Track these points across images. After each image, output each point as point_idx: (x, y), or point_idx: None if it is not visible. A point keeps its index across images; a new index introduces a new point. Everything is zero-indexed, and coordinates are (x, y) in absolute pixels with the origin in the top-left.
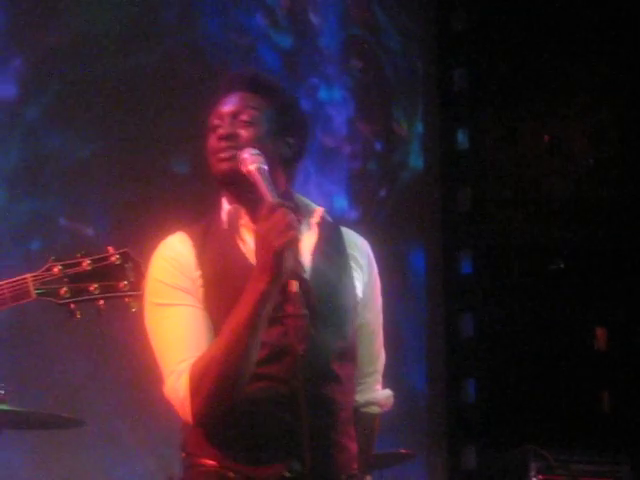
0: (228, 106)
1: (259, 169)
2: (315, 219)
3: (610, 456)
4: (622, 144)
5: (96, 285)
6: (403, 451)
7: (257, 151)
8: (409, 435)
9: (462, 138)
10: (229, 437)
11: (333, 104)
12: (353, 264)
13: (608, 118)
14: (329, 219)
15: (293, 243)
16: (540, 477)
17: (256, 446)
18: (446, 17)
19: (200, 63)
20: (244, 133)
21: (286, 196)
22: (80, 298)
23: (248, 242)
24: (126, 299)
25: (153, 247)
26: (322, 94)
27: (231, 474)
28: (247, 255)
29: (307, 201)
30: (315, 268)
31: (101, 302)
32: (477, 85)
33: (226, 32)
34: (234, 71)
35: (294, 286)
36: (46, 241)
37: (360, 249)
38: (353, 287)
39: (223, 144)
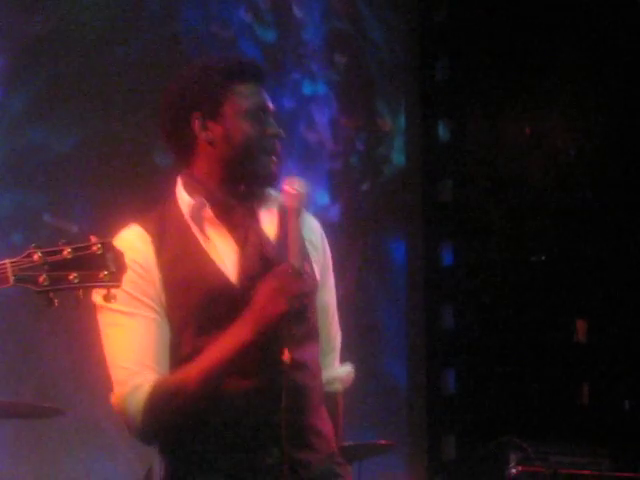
0: (268, 102)
1: (299, 212)
2: (274, 205)
3: (589, 448)
4: (604, 137)
5: (76, 274)
6: (383, 442)
7: (305, 188)
8: (389, 426)
9: (443, 130)
10: (196, 435)
11: (316, 99)
12: (310, 247)
13: (590, 111)
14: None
15: (300, 315)
16: (519, 468)
17: (226, 443)
18: (428, 9)
19: (181, 56)
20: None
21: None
22: (59, 286)
23: (211, 238)
24: (106, 289)
25: None
26: (305, 89)
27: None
28: (210, 253)
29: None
30: (280, 257)
31: (80, 291)
32: (459, 77)
33: (208, 25)
34: (247, 57)
35: (286, 355)
36: (29, 234)
37: (314, 231)
38: (313, 271)
39: (278, 146)
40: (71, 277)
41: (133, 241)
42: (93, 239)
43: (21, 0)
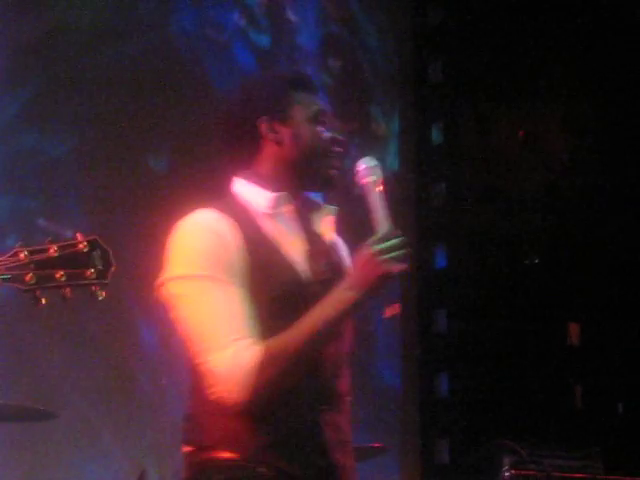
0: (328, 110)
1: (374, 184)
2: (331, 218)
3: (583, 451)
4: (597, 140)
5: (62, 272)
6: (376, 445)
7: (377, 163)
8: (382, 429)
9: (437, 132)
10: (263, 426)
11: None
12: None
13: (583, 114)
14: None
15: (401, 274)
16: (513, 472)
17: (288, 438)
18: (422, 11)
19: (175, 60)
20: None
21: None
22: (45, 285)
23: (283, 235)
24: (93, 287)
25: (130, 246)
26: None
27: (263, 469)
28: (281, 249)
29: (315, 198)
30: (341, 261)
31: (67, 290)
32: (452, 80)
33: (202, 29)
34: (303, 71)
35: (397, 308)
36: (22, 238)
37: (342, 245)
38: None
39: (340, 151)
40: (58, 275)
41: (214, 219)
42: (79, 237)
43: (12, 3)
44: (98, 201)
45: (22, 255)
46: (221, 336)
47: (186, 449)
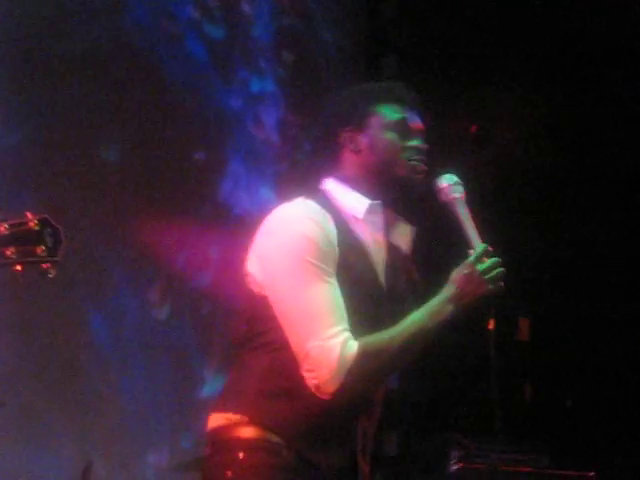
0: (412, 120)
1: (461, 201)
2: (409, 235)
3: (530, 445)
4: (550, 135)
5: (13, 249)
6: None
7: (457, 180)
8: None
9: None
10: (312, 414)
11: (264, 97)
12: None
13: (536, 109)
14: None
15: (496, 293)
16: (460, 465)
17: (323, 432)
18: (376, 4)
19: (128, 50)
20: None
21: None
22: None
23: (369, 238)
24: (43, 265)
25: (81, 234)
26: (253, 87)
27: (285, 452)
28: (371, 254)
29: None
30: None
31: (18, 267)
32: (405, 74)
33: (156, 20)
34: (407, 84)
35: (492, 324)
36: None
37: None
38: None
39: (421, 156)
40: (8, 252)
41: (316, 211)
42: (29, 215)
43: None
44: (49, 191)
45: None
46: (330, 325)
47: (213, 422)
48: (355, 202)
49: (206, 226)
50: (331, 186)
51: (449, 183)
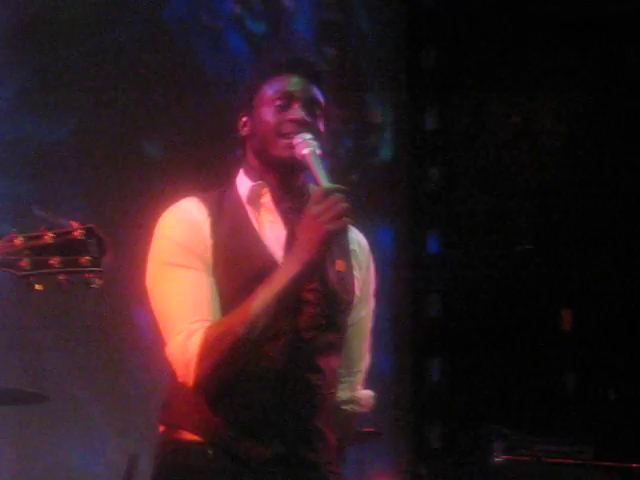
0: (297, 90)
1: (313, 153)
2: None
3: (574, 437)
4: (591, 124)
5: (57, 259)
6: (368, 430)
7: (311, 135)
8: (374, 414)
9: (431, 118)
10: (217, 408)
11: None
12: (354, 261)
13: (577, 98)
14: None
15: (343, 231)
16: (504, 457)
17: (238, 421)
18: None
19: (169, 45)
20: (316, 125)
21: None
22: (40, 271)
23: (264, 222)
24: (88, 275)
25: (124, 231)
26: None
27: (210, 452)
28: (261, 235)
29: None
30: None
31: (62, 276)
32: (446, 65)
33: (197, 14)
34: (295, 53)
35: (341, 266)
36: (16, 224)
37: (361, 247)
38: (352, 284)
39: (296, 129)
40: (53, 262)
41: (190, 208)
42: (75, 224)
43: None
44: (93, 187)
45: (17, 241)
46: (177, 322)
47: (160, 429)
48: (243, 188)
49: None
50: (238, 177)
51: (302, 139)
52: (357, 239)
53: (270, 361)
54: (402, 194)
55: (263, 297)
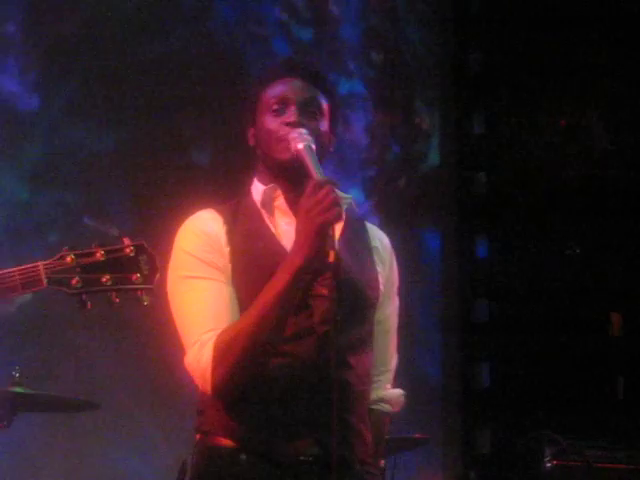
0: (292, 93)
1: (307, 147)
2: (345, 206)
3: (624, 442)
4: (639, 129)
5: (109, 276)
6: (417, 436)
7: (306, 131)
8: (423, 420)
9: (478, 123)
10: (247, 412)
11: (353, 96)
12: (376, 257)
13: (625, 102)
14: (355, 209)
15: (336, 221)
16: (555, 462)
17: (272, 424)
18: (462, 1)
19: (216, 53)
20: (313, 125)
21: None
22: (91, 289)
23: (280, 224)
24: (139, 292)
25: (173, 240)
26: (342, 86)
27: (243, 456)
28: (277, 237)
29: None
30: (342, 254)
31: (113, 294)
32: (493, 70)
33: (244, 23)
34: (289, 56)
35: (332, 256)
36: (66, 235)
37: (383, 244)
38: (376, 279)
39: (291, 131)
40: (104, 279)
41: (204, 219)
42: (126, 241)
43: (48, 1)
44: (142, 196)
45: (69, 259)
46: (192, 333)
47: (196, 437)
48: (257, 193)
49: None
50: (252, 185)
51: (297, 134)
52: (378, 237)
53: (299, 360)
54: (450, 199)
55: (268, 296)
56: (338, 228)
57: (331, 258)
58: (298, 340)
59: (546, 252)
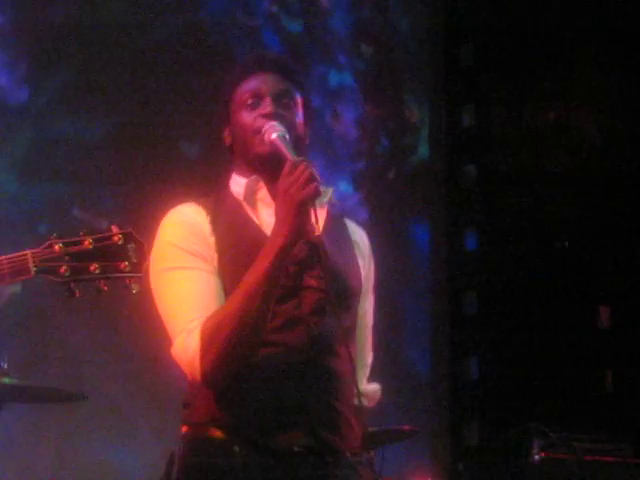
0: (265, 86)
1: (281, 136)
2: (325, 198)
3: (613, 435)
4: (629, 123)
5: (97, 265)
6: (406, 427)
7: (279, 122)
8: (412, 412)
9: (467, 116)
10: (238, 403)
11: (343, 88)
12: (357, 251)
13: (615, 96)
14: (336, 203)
15: (315, 196)
16: (543, 455)
17: (264, 414)
18: None
19: (205, 44)
20: (288, 115)
21: None
22: (80, 277)
23: (263, 215)
24: (127, 280)
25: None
26: (332, 79)
27: (236, 447)
28: (261, 227)
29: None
30: (325, 244)
31: (101, 282)
32: (483, 63)
33: (233, 14)
34: (260, 52)
35: (317, 229)
36: (55, 225)
37: (364, 241)
38: (359, 271)
39: (269, 122)
40: (92, 268)
41: (189, 212)
42: (114, 229)
43: None
44: (131, 187)
45: (57, 247)
46: (177, 323)
47: (183, 429)
48: (237, 187)
49: None
50: (231, 179)
51: (269, 126)
52: (359, 233)
53: (290, 350)
54: (439, 192)
55: (252, 278)
56: (321, 217)
57: (317, 231)
58: (288, 330)
59: (535, 245)
